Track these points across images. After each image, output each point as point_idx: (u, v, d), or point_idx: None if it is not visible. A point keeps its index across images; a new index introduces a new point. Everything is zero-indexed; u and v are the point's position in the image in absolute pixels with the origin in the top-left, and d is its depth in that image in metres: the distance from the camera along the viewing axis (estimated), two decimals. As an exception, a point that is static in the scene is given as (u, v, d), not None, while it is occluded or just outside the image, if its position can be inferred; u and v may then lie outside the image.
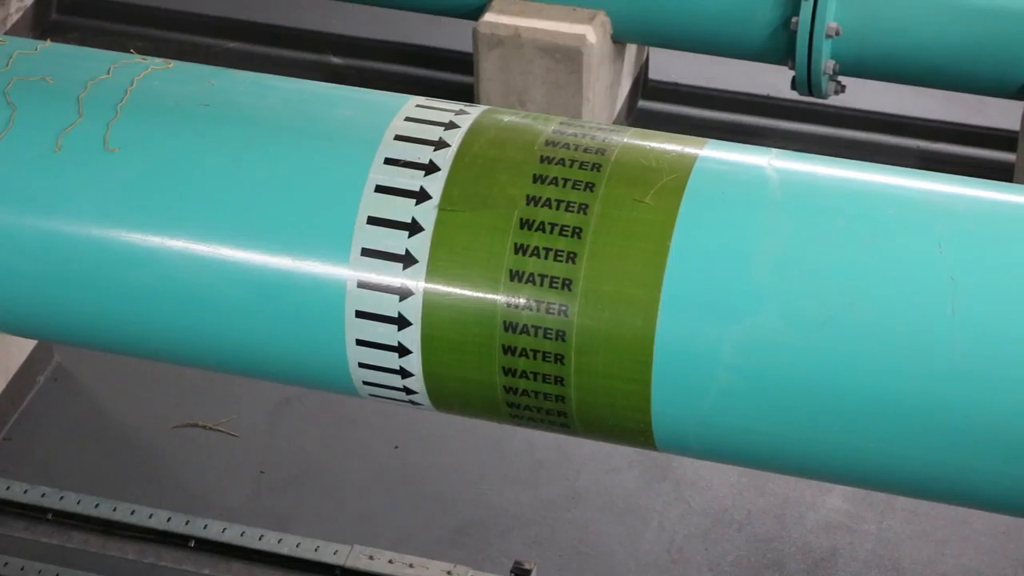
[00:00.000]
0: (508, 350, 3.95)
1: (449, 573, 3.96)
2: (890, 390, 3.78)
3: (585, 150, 4.02)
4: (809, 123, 6.13)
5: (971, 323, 3.75)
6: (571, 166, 3.99)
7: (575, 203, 3.94)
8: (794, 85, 5.72)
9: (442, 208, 3.99)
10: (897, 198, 4.01)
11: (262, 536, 4.03)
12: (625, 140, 4.07)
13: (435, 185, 4.01)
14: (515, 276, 3.92)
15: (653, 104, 6.32)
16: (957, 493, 3.97)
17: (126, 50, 4.54)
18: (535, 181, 3.98)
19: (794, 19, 5.54)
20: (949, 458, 3.83)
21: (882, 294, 3.81)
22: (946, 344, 3.75)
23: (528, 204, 3.95)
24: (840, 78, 5.66)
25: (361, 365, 4.08)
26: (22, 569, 4.17)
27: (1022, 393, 3.69)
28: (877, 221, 3.93)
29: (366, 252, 3.99)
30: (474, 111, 4.17)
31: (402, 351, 4.03)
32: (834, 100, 5.84)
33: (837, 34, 5.50)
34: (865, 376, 3.78)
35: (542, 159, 4.01)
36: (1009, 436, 3.74)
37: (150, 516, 4.08)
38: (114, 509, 4.09)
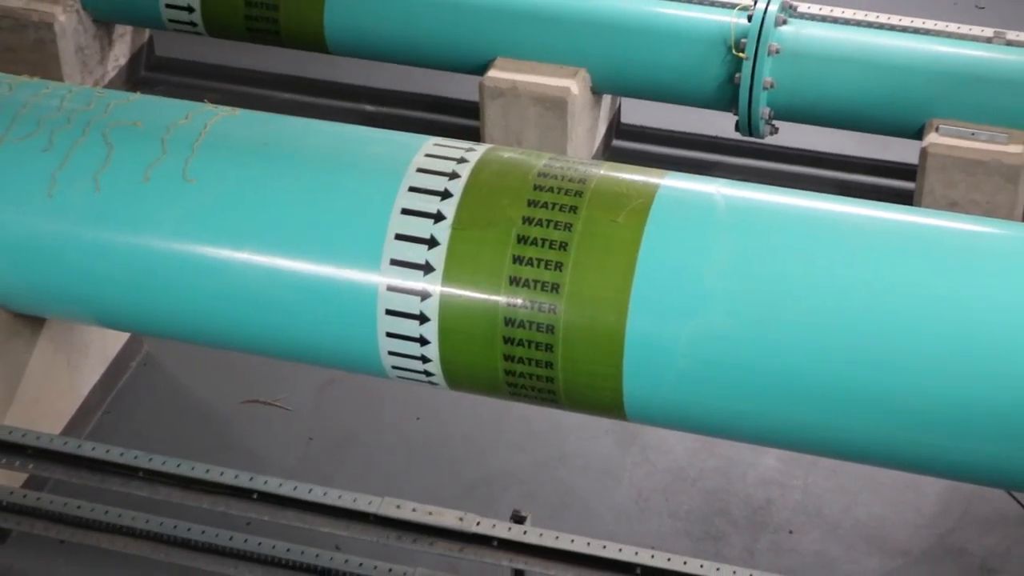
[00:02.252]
0: (508, 340, 3.96)
1: (461, 519, 3.95)
2: (813, 373, 3.79)
3: (569, 180, 4.03)
4: (749, 158, 6.11)
5: (878, 318, 3.77)
6: (558, 193, 4.00)
7: (561, 223, 3.95)
8: (737, 128, 5.70)
9: (455, 227, 3.99)
10: (819, 218, 4.02)
11: (311, 490, 4.03)
12: (601, 172, 4.08)
13: (449, 208, 4.01)
14: (513, 281, 3.93)
15: (624, 143, 6.30)
16: (867, 454, 3.97)
17: (201, 100, 4.54)
18: (529, 205, 3.98)
19: (737, 75, 5.54)
20: (860, 426, 3.84)
21: (808, 296, 3.82)
22: (858, 335, 3.77)
23: (524, 224, 3.96)
24: (774, 122, 5.65)
25: (390, 353, 4.09)
26: (119, 516, 4.17)
27: (917, 375, 3.71)
28: (803, 237, 3.95)
29: (394, 262, 4.00)
30: (480, 149, 4.17)
31: (423, 341, 4.04)
32: (769, 140, 5.82)
33: (771, 87, 5.50)
34: (794, 362, 3.80)
35: (535, 187, 4.02)
36: (906, 409, 3.75)
37: (221, 473, 4.08)
38: (192, 468, 4.09)
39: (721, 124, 5.99)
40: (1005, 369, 3.68)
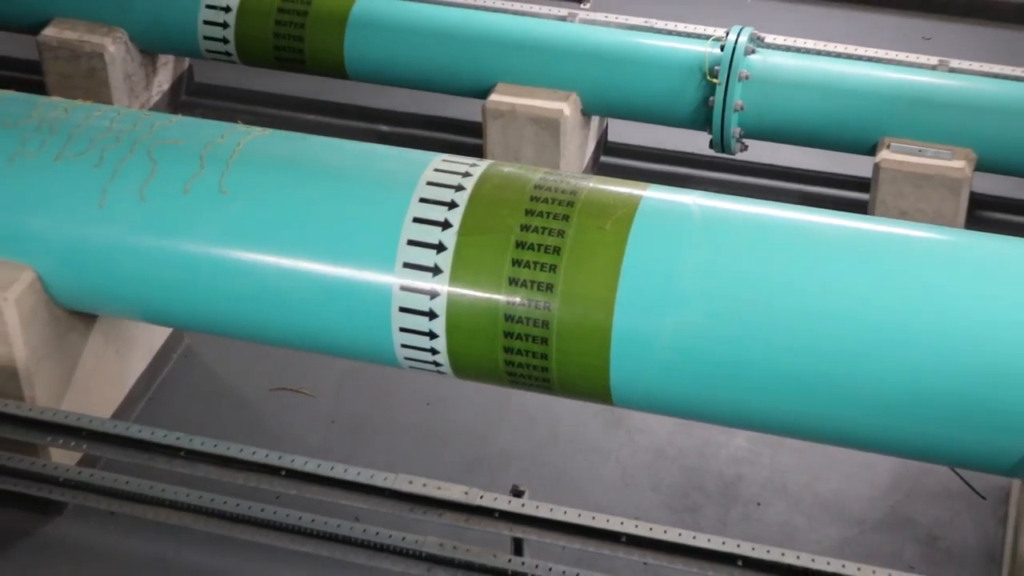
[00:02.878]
0: (508, 335, 3.96)
1: (466, 493, 3.95)
2: (778, 364, 3.79)
3: (562, 192, 4.03)
4: (722, 173, 6.11)
5: (835, 315, 3.78)
6: (552, 203, 4.00)
7: (555, 230, 3.95)
8: (711, 145, 5.71)
9: (460, 234, 3.99)
10: (784, 226, 4.02)
11: (332, 467, 4.02)
12: (591, 185, 4.08)
13: (455, 217, 4.01)
14: (512, 282, 3.93)
15: (611, 159, 6.30)
16: (827, 435, 3.97)
17: (235, 121, 4.53)
18: (526, 214, 3.98)
19: (711, 98, 5.54)
20: (820, 411, 3.83)
21: (773, 296, 3.82)
22: (817, 331, 3.77)
23: (521, 230, 3.96)
24: (744, 140, 5.65)
25: (403, 345, 4.09)
26: (163, 490, 4.17)
27: (869, 365, 3.71)
28: (770, 243, 3.94)
29: (407, 265, 4.00)
30: (482, 164, 4.17)
31: (432, 335, 4.03)
32: (740, 156, 5.82)
33: (741, 109, 5.49)
34: (761, 354, 3.80)
35: (531, 198, 4.02)
36: (860, 395, 3.76)
37: (253, 453, 4.08)
38: (227, 448, 4.09)
39: (697, 142, 5.99)
40: (946, 360, 3.68)
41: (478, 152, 5.82)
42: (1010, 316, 3.69)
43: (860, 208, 5.59)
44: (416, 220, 4.02)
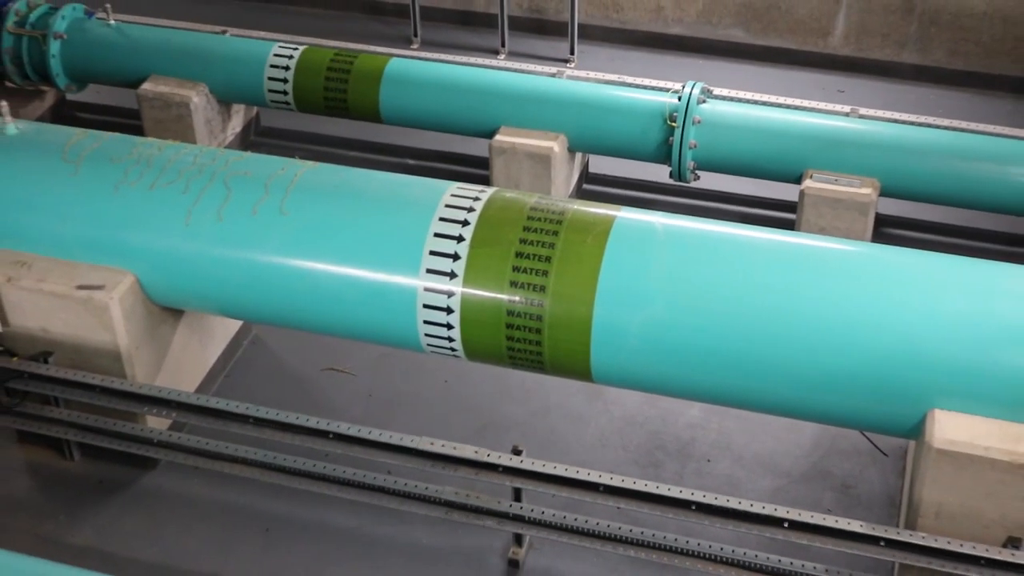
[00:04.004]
0: (509, 326, 3.96)
1: (476, 452, 3.95)
2: (725, 349, 3.79)
3: (552, 212, 4.02)
4: (679, 197, 6.12)
5: (769, 309, 3.79)
6: (544, 222, 3.99)
7: (546, 243, 3.95)
8: (671, 175, 5.71)
9: (471, 246, 3.99)
10: (728, 239, 4.01)
11: (370, 431, 4.03)
12: (575, 207, 4.08)
13: (467, 232, 4.01)
14: (513, 284, 3.93)
15: (591, 186, 6.31)
16: (763, 405, 3.97)
17: (292, 156, 4.53)
18: (524, 231, 3.98)
19: (671, 139, 5.54)
20: (758, 386, 3.83)
21: (720, 295, 3.82)
22: (755, 322, 3.76)
23: (520, 243, 3.96)
24: (697, 171, 5.65)
25: (426, 334, 4.09)
26: (236, 450, 4.17)
27: (796, 350, 3.72)
28: (718, 253, 3.94)
29: (429, 271, 4.00)
30: (489, 191, 4.17)
31: (449, 327, 4.03)
32: (693, 184, 5.82)
33: (694, 147, 5.50)
34: (711, 341, 3.80)
35: (528, 218, 4.01)
36: (789, 373, 3.77)
37: (307, 420, 4.08)
38: (287, 416, 4.09)
39: (659, 173, 6.00)
40: (854, 346, 3.70)
41: (485, 181, 5.82)
42: (905, 310, 3.71)
43: (788, 225, 5.59)
44: (437, 235, 4.03)
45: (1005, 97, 6.98)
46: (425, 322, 4.06)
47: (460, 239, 4.01)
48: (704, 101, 5.65)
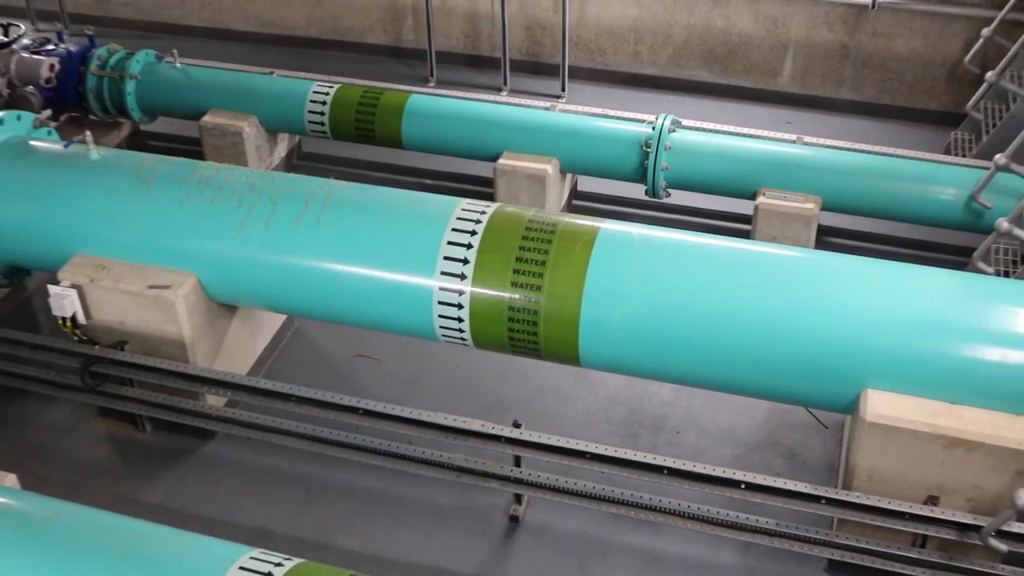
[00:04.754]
0: (510, 320, 3.94)
1: (482, 425, 3.94)
2: (691, 339, 3.78)
3: (547, 224, 4.01)
4: (653, 211, 6.09)
5: (728, 306, 3.77)
6: (540, 232, 3.98)
7: (542, 249, 3.94)
8: (646, 193, 5.68)
9: (479, 252, 3.98)
10: (694, 247, 3.99)
11: (393, 408, 4.02)
12: (566, 219, 4.06)
13: (475, 241, 4.00)
14: (514, 284, 3.92)
15: (580, 202, 6.28)
16: (724, 386, 3.96)
17: (328, 177, 4.52)
18: (523, 239, 3.97)
19: (646, 162, 5.52)
20: (719, 370, 3.83)
21: (687, 294, 3.80)
22: (716, 317, 3.75)
23: (520, 250, 3.94)
24: (668, 190, 5.63)
25: (440, 326, 4.07)
26: (280, 423, 4.16)
27: (750, 340, 3.71)
28: (685, 258, 3.93)
29: (443, 273, 3.98)
30: (493, 206, 4.15)
31: (460, 320, 4.02)
32: (665, 200, 5.80)
33: (666, 169, 5.48)
34: (679, 333, 3.79)
35: (526, 228, 4.00)
36: (745, 360, 3.76)
37: (340, 398, 4.08)
38: (323, 395, 4.08)
39: (636, 191, 5.98)
40: (799, 336, 3.69)
41: (490, 197, 5.80)
42: (843, 306, 3.69)
43: (745, 235, 5.58)
44: (450, 243, 4.01)
45: (925, 128, 6.98)
46: (440, 316, 4.05)
47: (469, 246, 3.99)
48: (674, 131, 5.63)
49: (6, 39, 6.10)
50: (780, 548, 3.80)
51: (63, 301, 4.27)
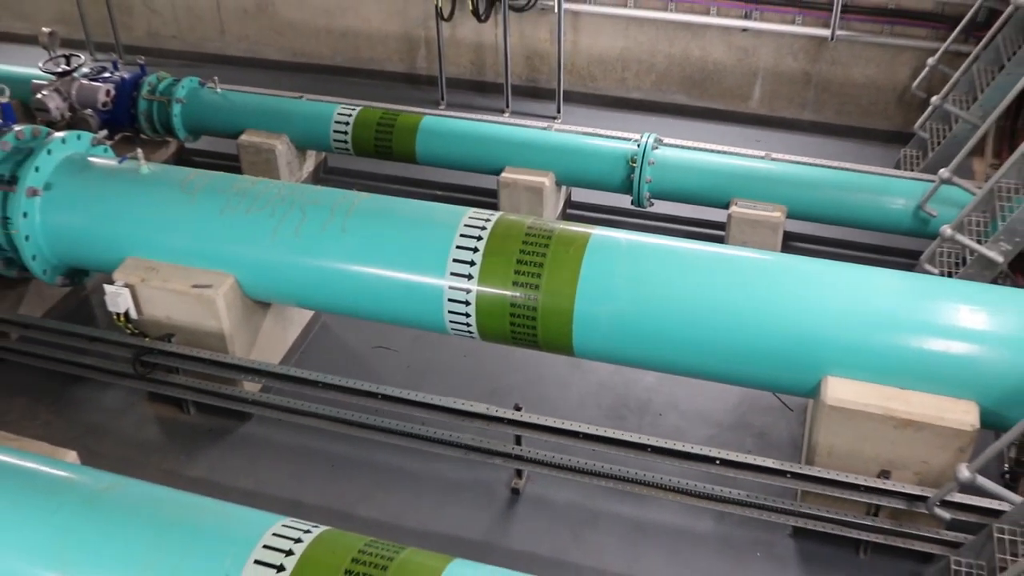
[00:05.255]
0: (512, 315, 3.93)
1: (487, 408, 3.94)
2: (672, 332, 3.77)
3: (544, 230, 4.00)
4: (638, 219, 6.07)
5: (706, 302, 3.77)
6: (538, 237, 3.97)
7: (540, 252, 3.93)
8: (632, 203, 5.68)
9: (484, 255, 3.97)
10: (675, 250, 3.97)
11: (408, 393, 4.02)
12: (561, 226, 4.05)
13: (481, 245, 3.99)
14: (515, 284, 3.91)
15: (573, 211, 6.26)
16: (701, 373, 3.94)
17: (351, 189, 4.51)
18: (523, 244, 3.96)
19: (632, 176, 5.52)
20: (697, 360, 3.82)
21: (669, 292, 3.79)
22: (695, 312, 3.74)
23: (520, 253, 3.94)
24: (651, 200, 5.62)
25: (450, 321, 4.07)
26: (308, 406, 4.15)
27: (725, 332, 3.70)
28: (667, 260, 3.91)
29: (453, 274, 3.98)
30: (497, 214, 4.14)
31: (467, 315, 4.01)
32: (649, 209, 5.79)
33: (650, 182, 5.47)
34: (662, 326, 3.77)
35: (526, 234, 3.99)
36: (720, 350, 3.74)
37: (361, 384, 4.07)
38: (346, 381, 4.08)
39: (623, 201, 5.98)
40: (767, 329, 3.68)
41: (494, 207, 5.80)
42: (806, 303, 3.69)
43: (720, 240, 5.57)
44: (458, 247, 4.01)
45: (878, 145, 6.97)
46: (449, 311, 4.05)
47: (475, 250, 3.99)
48: (656, 148, 5.62)
49: (68, 68, 6.11)
50: (750, 517, 3.80)
51: (117, 299, 4.28)
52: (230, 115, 6.31)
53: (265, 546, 2.85)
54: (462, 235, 4.03)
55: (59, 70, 6.07)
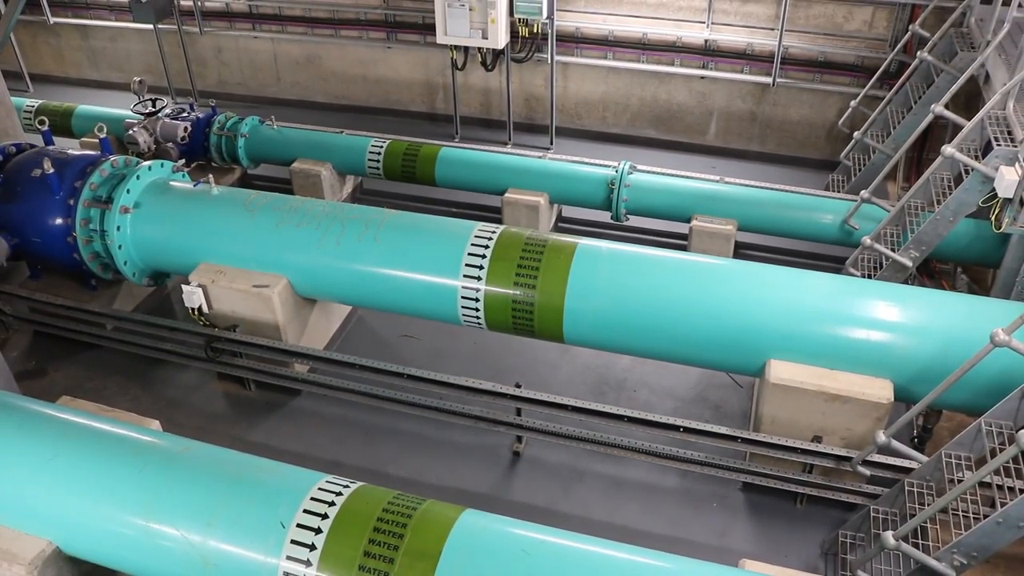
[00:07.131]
0: (514, 310, 3.91)
1: (493, 386, 3.92)
2: (644, 323, 3.74)
3: (539, 240, 3.98)
4: (617, 231, 6.05)
5: (674, 299, 3.75)
6: (535, 246, 3.95)
7: (536, 258, 3.90)
8: (612, 218, 5.66)
9: (491, 261, 3.94)
10: (648, 257, 3.93)
11: (428, 373, 4.00)
12: (553, 237, 4.02)
13: (488, 252, 3.97)
14: (516, 284, 3.89)
15: (564, 224, 6.24)
16: (669, 357, 3.91)
17: (383, 206, 4.48)
18: (523, 251, 3.94)
19: (611, 196, 5.50)
20: (665, 346, 3.78)
21: (642, 291, 3.77)
22: (665, 308, 3.72)
23: (520, 258, 3.91)
24: (627, 215, 5.60)
25: (462, 315, 4.05)
26: (347, 383, 4.15)
27: (688, 324, 3.67)
28: (642, 265, 3.88)
29: (465, 276, 3.95)
30: (501, 227, 4.11)
31: (477, 309, 3.99)
32: (626, 223, 5.77)
33: (626, 201, 5.47)
34: (635, 319, 3.74)
35: (525, 243, 3.97)
36: (684, 338, 3.71)
37: (390, 366, 4.06)
38: (379, 364, 4.06)
39: (604, 216, 5.95)
40: (724, 321, 3.65)
41: (499, 221, 5.77)
42: (753, 299, 3.66)
43: (683, 248, 5.54)
44: (469, 254, 3.99)
45: (811, 171, 6.95)
46: (462, 307, 4.03)
47: (483, 256, 3.97)
48: (631, 173, 5.60)
49: (154, 109, 6.15)
50: (708, 474, 3.78)
51: (192, 296, 4.27)
52: (284, 147, 6.30)
53: (312, 498, 2.85)
54: (472, 244, 4.01)
55: (147, 111, 6.10)
